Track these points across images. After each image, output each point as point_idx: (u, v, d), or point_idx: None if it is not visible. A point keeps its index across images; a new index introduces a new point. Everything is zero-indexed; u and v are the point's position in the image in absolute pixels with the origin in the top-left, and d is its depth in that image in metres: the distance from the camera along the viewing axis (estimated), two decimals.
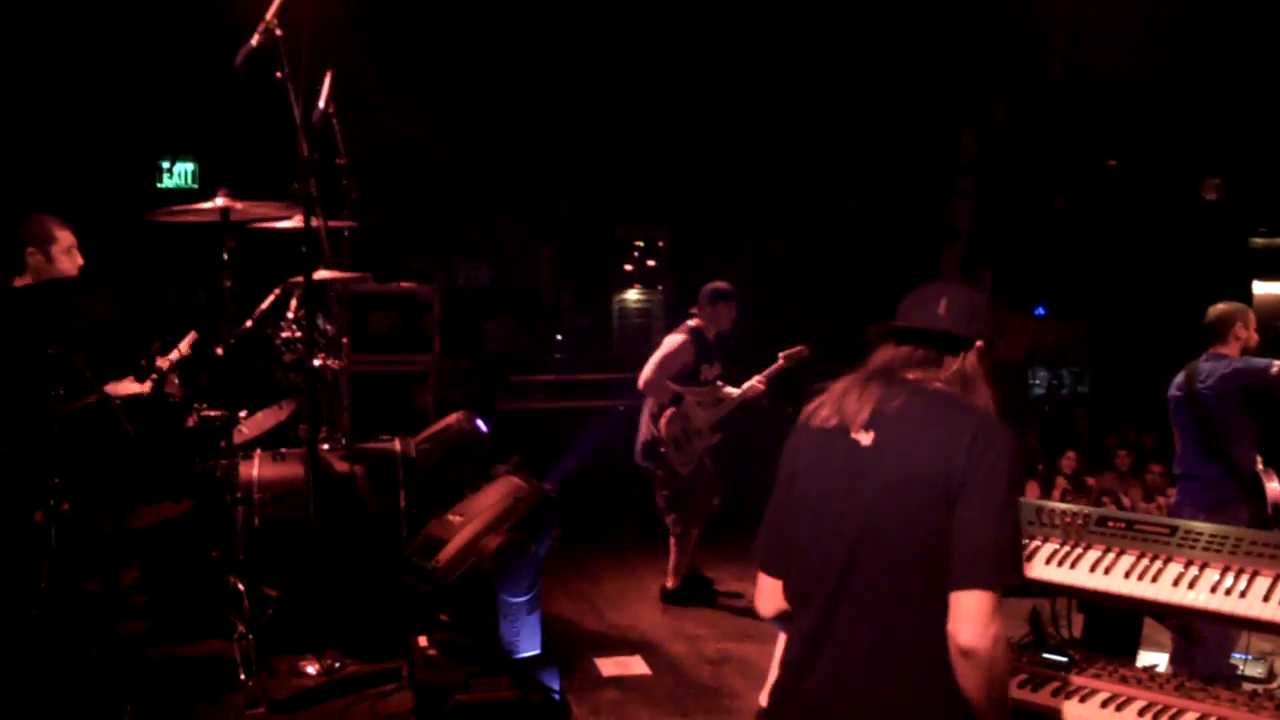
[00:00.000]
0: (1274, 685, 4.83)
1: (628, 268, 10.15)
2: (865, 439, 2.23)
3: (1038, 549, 2.93)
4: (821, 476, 2.27)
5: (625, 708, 4.61)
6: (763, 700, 3.85)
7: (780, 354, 6.31)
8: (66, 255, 4.65)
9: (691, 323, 6.20)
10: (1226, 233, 10.51)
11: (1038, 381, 11.79)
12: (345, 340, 5.45)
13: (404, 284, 7.19)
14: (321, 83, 5.01)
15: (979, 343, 2.33)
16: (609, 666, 5.11)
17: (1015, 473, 2.16)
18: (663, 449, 6.02)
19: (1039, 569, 2.88)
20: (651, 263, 10.17)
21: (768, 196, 9.67)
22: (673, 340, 6.12)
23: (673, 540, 6.19)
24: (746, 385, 6.25)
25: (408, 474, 5.12)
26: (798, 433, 2.38)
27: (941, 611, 2.08)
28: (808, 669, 2.23)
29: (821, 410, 2.33)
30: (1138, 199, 10.25)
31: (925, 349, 2.31)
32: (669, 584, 6.23)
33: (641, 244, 10.14)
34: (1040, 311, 12.25)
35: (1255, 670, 4.94)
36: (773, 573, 2.39)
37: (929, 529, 2.10)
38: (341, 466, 5.04)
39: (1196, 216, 10.23)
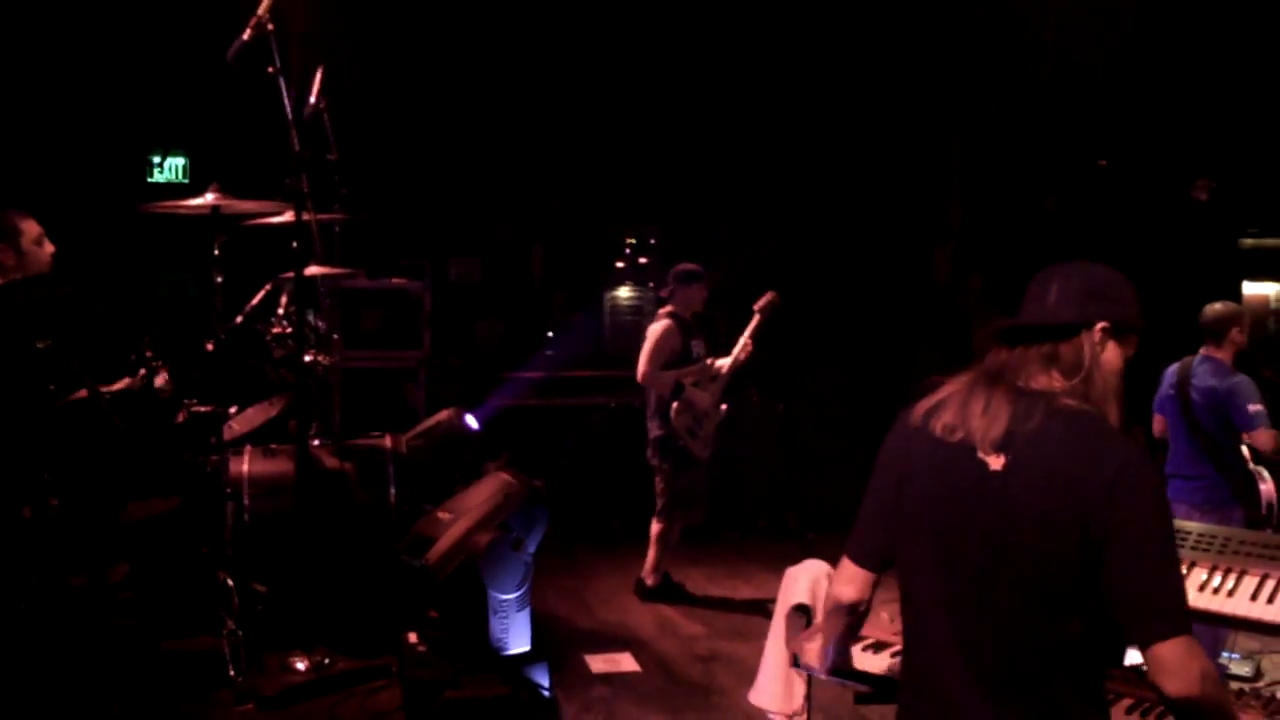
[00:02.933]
0: (1261, 684, 4.86)
1: (619, 265, 10.14)
2: (995, 463, 2.05)
3: None
4: (943, 497, 2.11)
5: (615, 705, 4.61)
6: (752, 699, 3.86)
7: (755, 308, 6.32)
8: (36, 245, 4.59)
9: (666, 308, 6.24)
10: (1217, 233, 10.53)
11: None
12: (336, 336, 5.44)
13: (395, 280, 7.19)
14: (313, 78, 5.02)
15: (1101, 324, 2.09)
16: (599, 663, 5.11)
17: (1167, 512, 2.02)
18: (681, 442, 6.04)
19: None
20: (643, 260, 10.16)
21: (759, 195, 9.67)
22: (657, 329, 6.15)
23: (656, 535, 6.18)
24: (736, 349, 6.27)
25: (398, 470, 5.12)
26: (911, 433, 2.18)
27: (1064, 651, 2.00)
28: (933, 684, 2.12)
29: (943, 415, 2.13)
30: (1129, 199, 10.27)
31: (1038, 345, 2.10)
32: (648, 581, 6.23)
33: (633, 241, 10.13)
34: None
35: (1242, 669, 4.96)
36: (867, 567, 2.28)
37: (1060, 564, 1.98)
38: (332, 462, 5.04)
39: (1187, 217, 10.25)
